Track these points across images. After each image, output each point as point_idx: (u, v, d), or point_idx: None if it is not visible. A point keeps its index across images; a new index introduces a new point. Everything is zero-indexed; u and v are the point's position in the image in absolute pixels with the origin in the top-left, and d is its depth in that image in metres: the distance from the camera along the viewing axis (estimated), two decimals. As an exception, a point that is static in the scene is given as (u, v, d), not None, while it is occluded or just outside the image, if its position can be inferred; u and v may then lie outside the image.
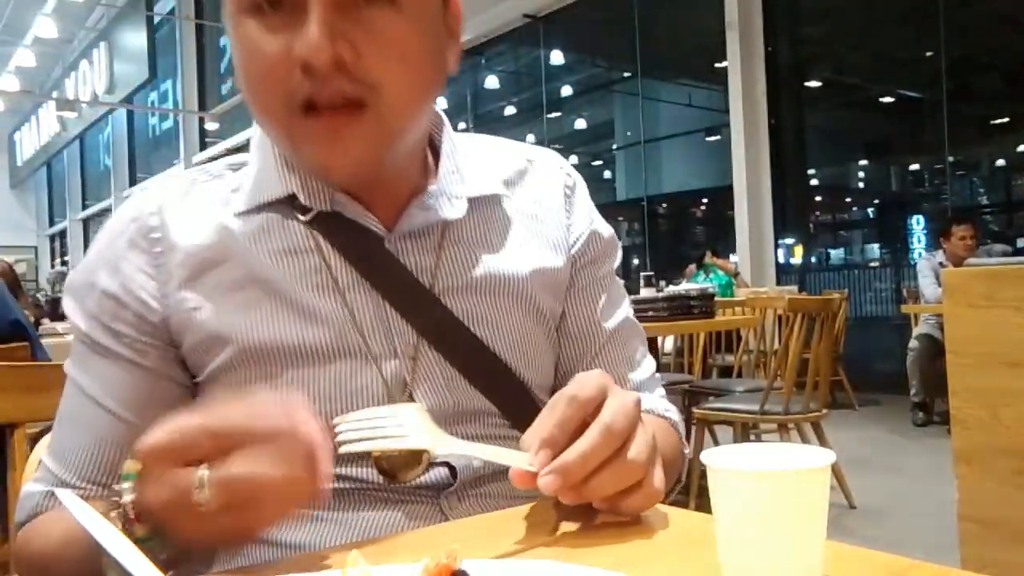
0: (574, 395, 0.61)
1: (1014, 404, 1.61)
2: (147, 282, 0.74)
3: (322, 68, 0.66)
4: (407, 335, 0.77)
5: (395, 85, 0.70)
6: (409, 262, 0.78)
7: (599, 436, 0.59)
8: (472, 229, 0.82)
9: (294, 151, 0.74)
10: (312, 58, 0.66)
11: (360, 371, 0.75)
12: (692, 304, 3.28)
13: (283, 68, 0.68)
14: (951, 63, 6.92)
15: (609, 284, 0.90)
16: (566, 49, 10.67)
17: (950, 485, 1.74)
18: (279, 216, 0.77)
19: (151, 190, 0.80)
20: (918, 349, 5.21)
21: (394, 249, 0.78)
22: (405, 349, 0.76)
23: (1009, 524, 1.62)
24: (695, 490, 3.09)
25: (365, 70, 0.68)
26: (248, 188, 0.78)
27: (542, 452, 0.60)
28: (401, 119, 0.72)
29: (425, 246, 0.79)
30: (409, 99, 0.72)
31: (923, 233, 8.14)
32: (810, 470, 0.48)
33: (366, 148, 0.71)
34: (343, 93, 0.68)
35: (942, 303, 1.80)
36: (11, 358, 2.02)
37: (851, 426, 5.41)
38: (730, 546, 0.49)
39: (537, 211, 0.86)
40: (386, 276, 0.77)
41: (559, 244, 0.86)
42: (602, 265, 0.89)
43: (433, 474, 0.76)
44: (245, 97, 0.72)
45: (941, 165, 7.54)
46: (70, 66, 15.70)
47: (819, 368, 3.35)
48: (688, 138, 10.26)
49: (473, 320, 0.79)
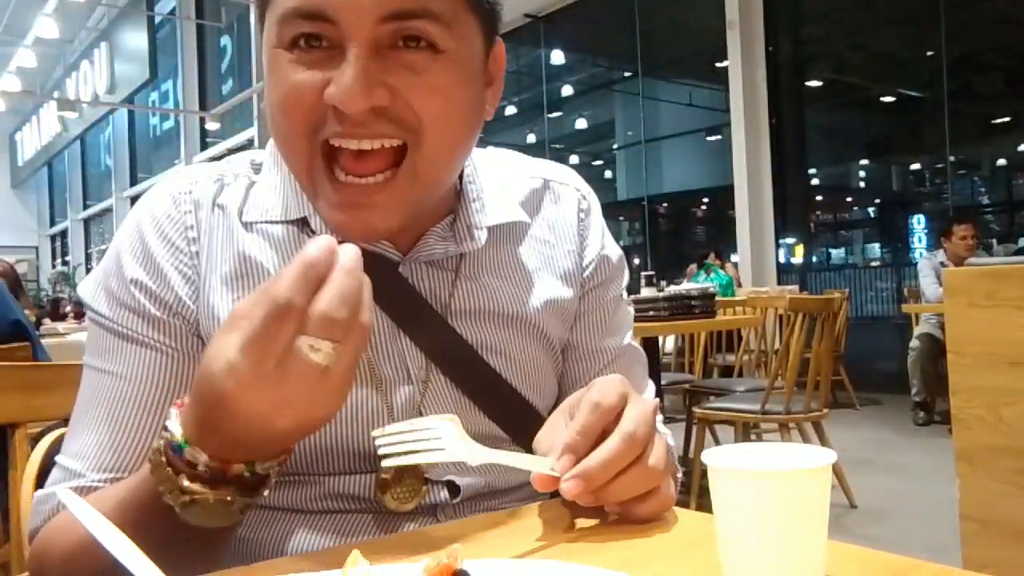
0: (597, 402, 0.62)
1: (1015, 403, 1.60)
2: (181, 281, 0.73)
3: (357, 117, 0.64)
4: (418, 359, 0.76)
5: (434, 130, 0.67)
6: (422, 287, 0.77)
7: (621, 444, 0.60)
8: (488, 259, 0.81)
9: (313, 204, 0.72)
10: (346, 105, 0.63)
11: (368, 398, 0.74)
12: (693, 304, 3.27)
13: (310, 100, 0.65)
14: (952, 62, 6.92)
15: (615, 308, 0.89)
16: (567, 49, 10.67)
17: (951, 485, 1.73)
18: (291, 235, 0.76)
19: (185, 186, 0.77)
20: (919, 349, 5.21)
21: (408, 273, 0.77)
22: (417, 373, 0.76)
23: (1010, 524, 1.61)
24: (696, 490, 3.09)
25: (405, 113, 0.66)
26: (265, 202, 0.77)
27: (565, 457, 0.61)
28: (437, 171, 0.70)
29: (440, 274, 0.78)
30: (448, 147, 0.69)
31: (924, 233, 8.14)
32: (811, 470, 0.48)
33: (392, 215, 0.68)
34: (381, 135, 0.66)
35: (943, 302, 1.80)
36: (12, 358, 2.02)
37: (852, 426, 5.40)
38: (731, 546, 0.49)
39: (551, 238, 0.86)
40: (398, 300, 0.76)
41: (571, 273, 0.86)
42: (609, 288, 0.89)
43: (432, 495, 0.75)
44: (271, 130, 0.70)
45: (942, 164, 7.54)
46: (71, 66, 15.71)
47: (820, 368, 3.35)
48: (689, 138, 10.27)
49: (484, 347, 0.78)
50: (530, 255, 0.84)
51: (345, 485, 0.74)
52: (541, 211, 0.86)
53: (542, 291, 0.83)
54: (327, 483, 0.74)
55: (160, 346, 0.72)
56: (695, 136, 10.24)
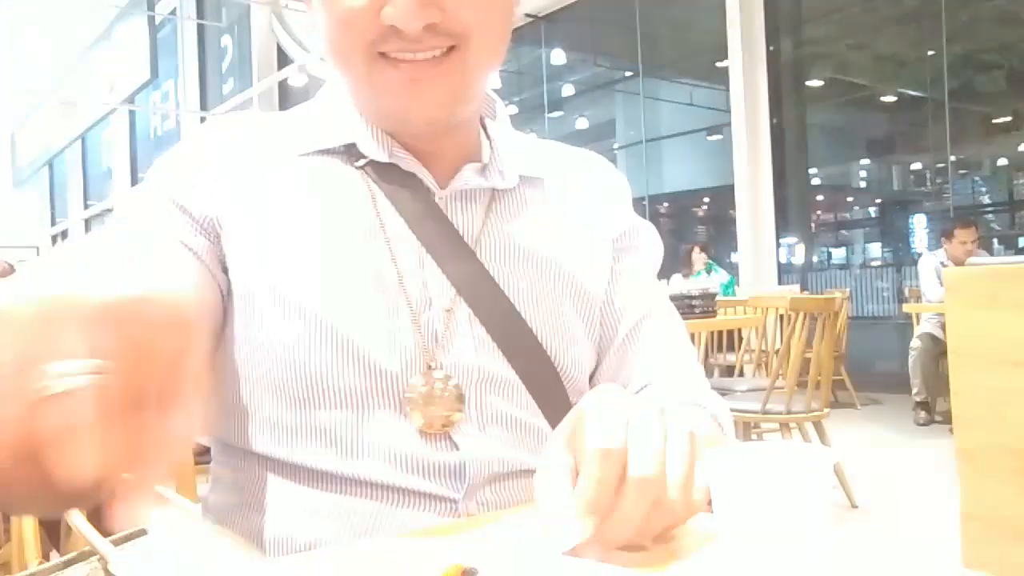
0: (607, 451, 0.54)
1: (1016, 403, 1.60)
2: (210, 199, 0.77)
3: (413, 34, 0.69)
4: (444, 287, 0.78)
5: (482, 34, 0.73)
6: (456, 220, 0.80)
7: (638, 496, 0.54)
8: (520, 203, 0.85)
9: (373, 98, 0.77)
10: (405, 24, 0.69)
11: (394, 312, 0.76)
12: (694, 304, 3.28)
13: (366, 20, 0.70)
14: (953, 62, 6.91)
15: (643, 275, 0.91)
16: (568, 48, 10.66)
17: (952, 484, 1.73)
18: (339, 161, 0.81)
19: (228, 121, 0.83)
20: (920, 348, 5.20)
21: (443, 206, 0.80)
22: (441, 301, 0.78)
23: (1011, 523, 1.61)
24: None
25: (454, 24, 0.71)
26: (312, 132, 0.82)
27: (588, 520, 0.54)
28: (484, 63, 0.76)
29: (473, 208, 0.82)
30: (494, 44, 0.76)
31: (925, 232, 8.13)
32: (812, 469, 0.48)
33: (446, 95, 0.74)
34: (434, 47, 0.72)
35: (944, 302, 1.80)
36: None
37: (853, 426, 5.40)
38: (731, 546, 0.49)
39: (584, 199, 0.89)
40: (431, 228, 0.79)
41: (603, 232, 0.88)
42: (639, 255, 0.91)
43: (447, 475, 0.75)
44: (326, 51, 0.75)
45: (943, 164, 7.53)
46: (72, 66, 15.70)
47: (821, 367, 3.35)
48: (690, 137, 10.26)
49: (509, 286, 0.80)
50: (560, 210, 0.87)
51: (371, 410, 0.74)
52: (575, 176, 0.91)
53: (571, 243, 0.86)
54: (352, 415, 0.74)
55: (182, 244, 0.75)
56: (696, 136, 10.23)
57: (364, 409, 0.74)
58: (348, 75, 0.77)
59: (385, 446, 0.74)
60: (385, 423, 0.74)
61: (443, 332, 0.77)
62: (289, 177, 0.79)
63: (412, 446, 0.74)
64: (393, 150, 0.80)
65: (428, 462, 0.74)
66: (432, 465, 0.74)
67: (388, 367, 0.74)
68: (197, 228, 0.77)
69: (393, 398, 0.75)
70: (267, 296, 0.75)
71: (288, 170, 0.80)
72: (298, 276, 0.75)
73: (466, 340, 0.78)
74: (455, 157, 0.82)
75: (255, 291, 0.75)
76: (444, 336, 0.77)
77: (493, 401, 0.78)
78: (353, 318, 0.74)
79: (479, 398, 0.77)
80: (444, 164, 0.81)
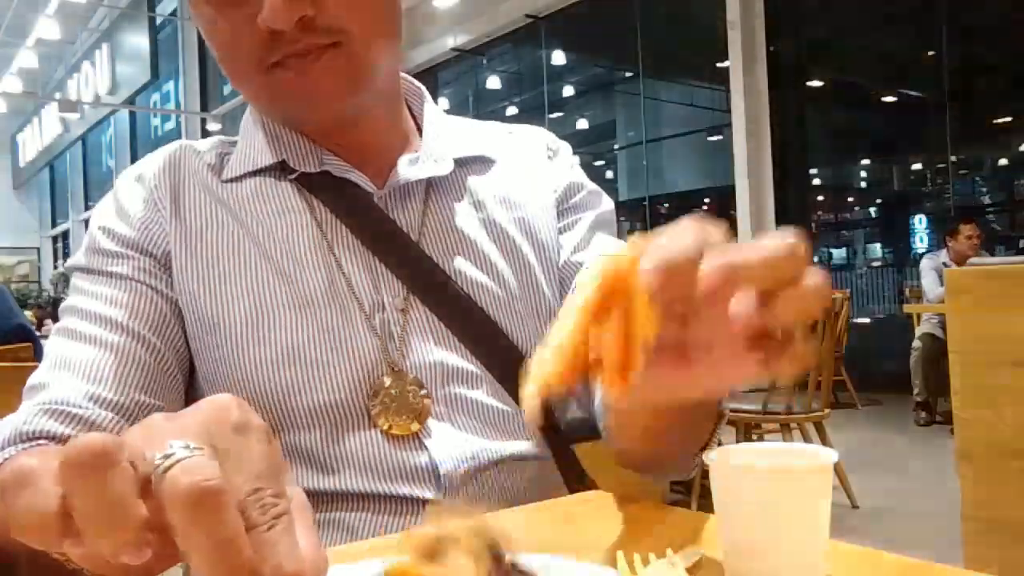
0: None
1: (1017, 403, 1.61)
2: (156, 228, 0.78)
3: (287, 29, 0.70)
4: (395, 287, 0.78)
5: (362, 26, 0.73)
6: (398, 217, 0.80)
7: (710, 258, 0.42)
8: (457, 189, 0.85)
9: (272, 106, 0.79)
10: (276, 23, 0.69)
11: (349, 320, 0.76)
12: (694, 304, 3.28)
13: (247, 34, 0.71)
14: (953, 62, 6.91)
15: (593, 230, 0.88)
16: (568, 49, 10.66)
17: (953, 484, 1.73)
18: (271, 180, 0.81)
19: (151, 159, 0.85)
20: (921, 349, 5.21)
21: (383, 205, 0.81)
22: (394, 301, 0.78)
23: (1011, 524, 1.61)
24: (697, 490, 3.08)
25: (330, 20, 0.71)
26: (238, 158, 0.83)
27: None
28: (371, 53, 0.75)
29: (412, 203, 0.82)
30: (376, 35, 0.75)
31: (925, 233, 8.13)
32: (812, 469, 0.48)
33: (338, 81, 0.74)
34: (315, 44, 0.72)
35: (944, 303, 1.80)
36: (15, 358, 2.04)
37: (854, 426, 5.40)
38: (733, 546, 0.49)
39: (523, 168, 0.89)
40: (374, 230, 0.79)
41: (544, 197, 0.88)
42: (583, 211, 0.89)
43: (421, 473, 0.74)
44: (223, 70, 0.76)
45: (944, 165, 7.53)
46: (72, 67, 15.70)
47: (821, 368, 3.35)
48: (690, 138, 10.25)
49: (459, 275, 0.80)
50: (499, 186, 0.87)
51: (336, 410, 0.74)
52: (509, 149, 0.90)
53: (517, 215, 0.85)
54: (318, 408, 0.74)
55: (134, 280, 0.76)
56: (696, 136, 10.22)
57: (333, 424, 0.74)
58: (248, 94, 0.78)
59: (357, 457, 0.74)
60: (355, 434, 0.74)
61: (400, 333, 0.77)
62: (223, 204, 0.80)
63: (383, 453, 0.74)
64: (324, 158, 0.80)
65: (401, 466, 0.74)
66: (405, 469, 0.74)
67: (350, 377, 0.75)
68: (157, 266, 0.78)
69: (359, 408, 0.75)
70: (223, 330, 0.75)
71: (223, 197, 0.80)
72: (248, 303, 0.75)
73: (424, 337, 0.77)
74: (386, 155, 0.82)
75: (212, 326, 0.76)
76: (401, 337, 0.77)
77: (460, 392, 0.77)
78: (309, 335, 0.75)
79: (445, 393, 0.77)
80: (379, 162, 0.81)
